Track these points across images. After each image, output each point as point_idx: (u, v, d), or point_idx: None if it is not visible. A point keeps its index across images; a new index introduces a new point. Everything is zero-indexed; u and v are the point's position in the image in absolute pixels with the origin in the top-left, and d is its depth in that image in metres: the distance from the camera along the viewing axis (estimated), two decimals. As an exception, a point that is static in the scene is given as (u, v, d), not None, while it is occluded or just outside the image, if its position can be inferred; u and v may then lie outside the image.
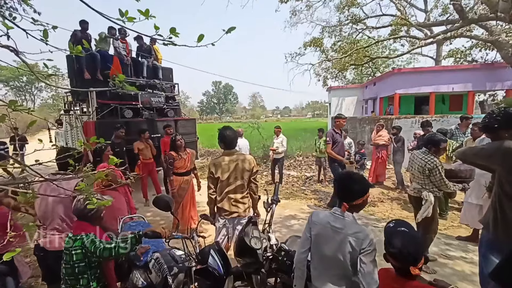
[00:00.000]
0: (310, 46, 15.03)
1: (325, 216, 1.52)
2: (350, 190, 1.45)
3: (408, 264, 1.22)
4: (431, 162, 2.77)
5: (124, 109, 6.13)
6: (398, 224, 1.38)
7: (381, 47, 21.25)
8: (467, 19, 10.64)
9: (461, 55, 16.47)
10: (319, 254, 1.51)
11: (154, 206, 1.93)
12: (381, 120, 8.86)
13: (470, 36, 13.20)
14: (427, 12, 17.32)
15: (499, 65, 12.12)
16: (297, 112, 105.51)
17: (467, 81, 13.02)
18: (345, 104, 19.86)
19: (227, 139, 2.55)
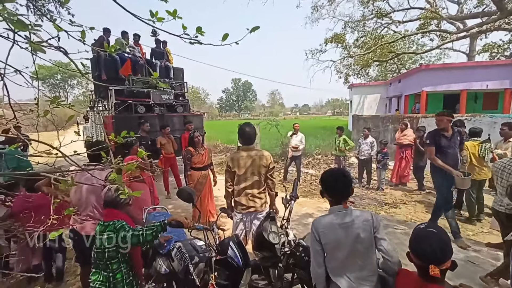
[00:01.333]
0: (332, 42, 14.70)
1: (330, 219, 1.49)
2: (349, 186, 1.53)
3: (430, 262, 1.13)
4: None
5: (138, 105, 6.84)
6: (430, 226, 1.29)
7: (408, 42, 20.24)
8: (506, 10, 9.85)
9: (498, 49, 15.30)
10: (338, 258, 1.47)
11: (178, 198, 2.02)
12: (406, 119, 8.49)
13: (509, 29, 12.19)
14: (460, 4, 16.21)
15: (542, 60, 11.10)
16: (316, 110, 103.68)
17: (504, 78, 12.06)
18: (367, 102, 19.21)
19: (245, 135, 2.60)
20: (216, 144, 12.97)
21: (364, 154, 6.11)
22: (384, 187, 6.04)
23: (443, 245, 1.14)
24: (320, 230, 1.48)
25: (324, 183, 1.59)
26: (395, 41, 15.82)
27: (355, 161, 7.53)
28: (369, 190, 6.05)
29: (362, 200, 5.43)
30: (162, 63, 8.01)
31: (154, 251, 2.16)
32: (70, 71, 4.27)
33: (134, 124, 6.34)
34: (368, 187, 6.24)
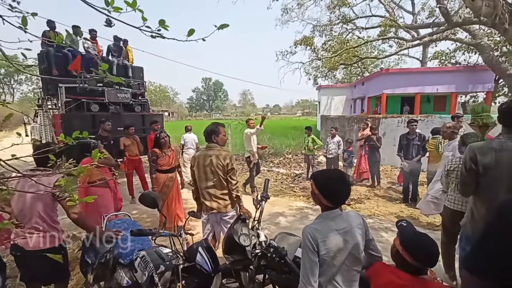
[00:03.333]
0: (301, 45, 15.11)
1: (328, 226, 1.37)
2: (350, 189, 1.43)
3: (428, 265, 1.26)
4: None
5: (91, 103, 6.66)
6: (410, 224, 1.43)
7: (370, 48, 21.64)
8: (452, 22, 10.96)
9: (445, 57, 17.01)
10: (334, 266, 1.36)
11: (140, 203, 1.88)
12: (369, 119, 9.03)
13: (455, 39, 13.63)
14: (415, 15, 17.74)
15: (481, 68, 12.60)
16: (287, 110, 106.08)
17: (450, 83, 13.47)
18: (334, 103, 20.13)
19: (204, 133, 2.63)
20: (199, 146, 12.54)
21: (332, 153, 6.36)
22: (350, 184, 6.34)
23: (437, 248, 1.26)
24: (319, 239, 1.31)
25: (323, 187, 1.41)
26: (359, 46, 16.79)
27: (323, 160, 7.81)
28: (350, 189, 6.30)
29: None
30: (120, 61, 7.78)
31: (114, 261, 1.99)
32: (14, 64, 3.83)
33: (87, 123, 6.14)
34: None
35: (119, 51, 7.94)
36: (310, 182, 1.55)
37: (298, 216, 4.57)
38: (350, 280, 1.40)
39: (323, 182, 1.43)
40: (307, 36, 15.21)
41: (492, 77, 12.72)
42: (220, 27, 1.35)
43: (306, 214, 4.65)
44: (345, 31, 16.41)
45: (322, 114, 17.27)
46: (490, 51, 11.16)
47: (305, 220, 4.36)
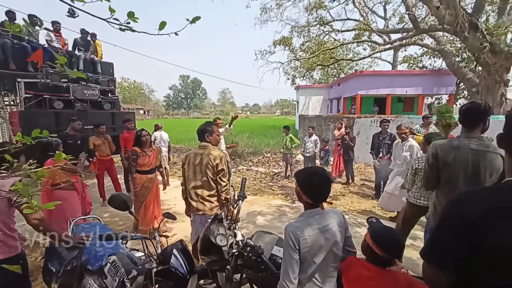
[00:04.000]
0: (280, 45, 15.27)
1: (311, 224, 1.38)
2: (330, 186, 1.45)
3: (395, 257, 1.35)
4: None
5: (54, 100, 6.24)
6: (378, 221, 1.53)
7: (346, 50, 22.44)
8: (419, 29, 11.70)
9: (413, 61, 18.09)
10: (314, 264, 1.37)
11: (110, 206, 1.78)
12: (344, 119, 9.37)
13: (421, 44, 14.55)
14: (386, 20, 18.68)
15: (444, 72, 13.59)
16: (266, 110, 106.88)
17: (418, 85, 14.39)
18: (312, 103, 20.62)
19: (197, 132, 2.60)
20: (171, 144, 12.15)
21: (309, 152, 6.51)
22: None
23: (403, 244, 1.39)
24: (301, 237, 1.32)
25: (305, 184, 1.43)
26: (335, 48, 17.31)
27: (301, 158, 7.97)
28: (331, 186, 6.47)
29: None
30: (87, 56, 7.36)
31: (82, 268, 1.87)
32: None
33: (49, 121, 5.75)
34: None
35: (86, 45, 7.50)
36: (293, 181, 1.57)
37: (277, 214, 4.61)
38: (329, 276, 1.43)
39: (305, 180, 1.45)
40: (286, 37, 15.40)
41: (454, 81, 13.76)
42: (192, 21, 1.31)
43: (285, 212, 4.71)
44: (322, 33, 16.84)
45: (300, 114, 17.62)
46: (452, 56, 12.07)
47: (284, 218, 4.42)
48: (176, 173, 7.80)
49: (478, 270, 0.82)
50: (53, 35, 6.74)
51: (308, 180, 1.43)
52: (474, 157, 1.70)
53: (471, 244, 0.81)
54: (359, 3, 15.90)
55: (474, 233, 0.80)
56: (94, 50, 7.67)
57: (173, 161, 9.30)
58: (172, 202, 5.08)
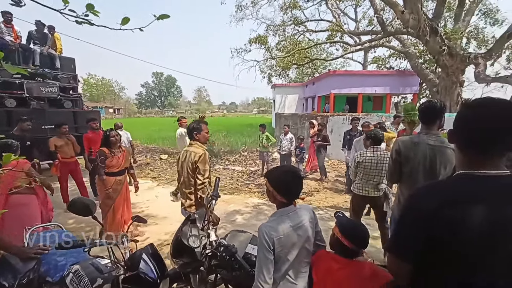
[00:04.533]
0: (255, 43, 15.30)
1: (285, 223, 1.38)
2: (302, 184, 1.49)
3: (362, 247, 1.41)
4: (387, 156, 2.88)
5: (5, 98, 5.86)
6: (345, 215, 1.61)
7: (320, 50, 23.06)
8: (386, 31, 12.37)
9: (382, 62, 19.12)
10: (288, 262, 1.38)
11: (71, 212, 1.66)
12: (318, 117, 9.64)
13: (389, 46, 15.42)
14: (357, 22, 19.50)
15: (409, 73, 14.53)
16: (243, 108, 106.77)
17: (386, 85, 15.23)
18: (288, 101, 20.95)
19: (187, 130, 2.74)
20: (134, 144, 11.51)
21: (285, 149, 6.61)
22: (302, 178, 6.68)
23: (368, 235, 1.43)
24: (275, 237, 1.31)
25: (277, 183, 1.42)
26: (309, 48, 17.74)
27: (278, 156, 8.07)
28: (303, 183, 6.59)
29: (284, 192, 5.86)
30: (44, 50, 6.80)
31: (40, 280, 1.72)
32: None
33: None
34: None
35: (43, 39, 6.91)
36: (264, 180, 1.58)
37: (254, 213, 4.63)
38: (301, 272, 1.45)
39: (276, 178, 1.45)
40: (262, 35, 15.48)
41: (418, 81, 14.77)
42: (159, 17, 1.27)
43: (262, 210, 4.74)
44: (297, 33, 17.17)
45: (276, 112, 17.82)
46: (416, 58, 12.94)
47: (261, 216, 4.45)
48: (149, 174, 7.50)
49: (434, 262, 0.87)
50: (3, 26, 6.15)
51: (282, 179, 1.43)
52: (431, 152, 1.84)
53: (428, 237, 0.86)
54: (332, 5, 16.43)
55: (431, 226, 0.85)
56: (52, 44, 7.10)
57: (146, 161, 8.94)
58: (145, 205, 4.88)
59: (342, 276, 1.31)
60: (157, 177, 7.16)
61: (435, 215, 0.83)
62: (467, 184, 0.86)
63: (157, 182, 6.65)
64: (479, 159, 0.85)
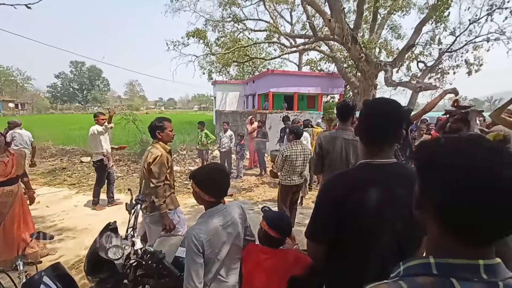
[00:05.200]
0: (194, 37, 14.66)
1: (214, 223, 1.35)
2: (229, 180, 1.51)
3: (287, 235, 1.50)
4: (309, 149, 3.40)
5: None
6: (270, 209, 1.70)
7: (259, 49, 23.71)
8: (317, 36, 13.52)
9: (314, 64, 20.88)
10: (218, 262, 1.36)
11: None
12: (257, 115, 9.91)
13: (319, 50, 16.92)
14: (292, 25, 20.78)
15: (336, 75, 16.26)
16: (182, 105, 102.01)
17: (317, 86, 16.72)
18: (229, 99, 20.93)
19: (148, 129, 2.56)
20: (45, 146, 9.56)
21: (225, 147, 6.57)
22: (242, 175, 6.78)
23: (290, 224, 1.56)
24: (204, 239, 1.28)
25: (203, 182, 1.39)
26: (249, 46, 18.03)
27: (218, 154, 7.97)
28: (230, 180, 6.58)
29: (224, 189, 5.82)
30: None
31: None
32: None
33: None
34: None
35: None
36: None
37: (193, 214, 4.45)
38: (232, 268, 1.45)
39: (202, 177, 1.42)
40: (200, 29, 14.90)
41: (343, 83, 16.68)
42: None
43: (201, 210, 4.56)
44: (236, 30, 17.20)
45: (217, 109, 17.62)
46: (341, 63, 14.57)
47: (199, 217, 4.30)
48: (65, 180, 6.41)
49: (343, 241, 0.98)
50: None
51: (209, 178, 1.41)
52: (346, 145, 2.08)
53: (339, 219, 0.96)
54: (269, 6, 17.04)
55: (340, 210, 0.95)
56: None
57: (61, 166, 7.61)
58: (59, 217, 4.12)
59: (269, 265, 1.37)
60: (76, 183, 6.17)
61: (343, 200, 0.94)
62: (366, 171, 0.99)
63: (77, 190, 5.73)
64: (375, 149, 0.99)
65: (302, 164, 3.33)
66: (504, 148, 0.49)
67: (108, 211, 4.41)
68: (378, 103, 1.03)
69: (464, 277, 0.48)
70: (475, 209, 0.46)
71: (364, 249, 0.93)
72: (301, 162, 3.32)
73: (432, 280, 0.49)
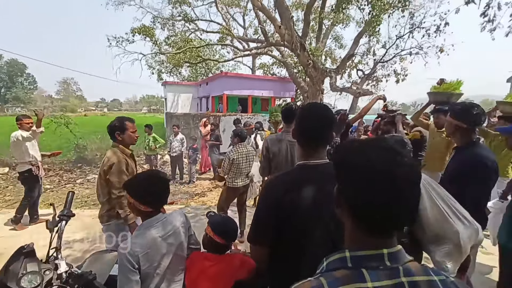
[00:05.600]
0: (140, 34, 13.65)
1: (152, 235, 1.25)
2: (168, 187, 1.40)
3: (233, 240, 1.45)
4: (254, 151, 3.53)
5: None
6: (216, 214, 1.62)
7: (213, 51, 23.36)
8: (269, 42, 13.95)
9: (267, 68, 21.50)
10: (159, 274, 1.27)
11: None
12: (211, 117, 9.74)
13: (271, 55, 17.49)
14: (245, 29, 21.05)
15: (288, 80, 17.03)
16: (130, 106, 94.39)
17: (270, 89, 17.27)
18: (182, 100, 20.12)
19: (107, 129, 2.30)
20: None
21: (176, 151, 6.26)
22: (195, 180, 6.54)
23: (237, 228, 1.50)
24: (140, 253, 1.18)
25: (137, 192, 1.28)
26: (201, 47, 17.61)
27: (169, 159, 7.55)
28: (182, 185, 6.29)
29: (175, 195, 5.52)
30: None
31: None
32: None
33: None
34: (181, 182, 6.47)
35: None
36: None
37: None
38: (175, 281, 1.37)
39: (136, 187, 1.31)
40: (147, 26, 13.93)
41: (294, 87, 17.55)
42: None
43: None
44: (188, 30, 16.64)
45: (167, 112, 16.77)
46: (292, 68, 15.30)
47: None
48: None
49: (284, 241, 0.99)
50: None
51: (144, 186, 1.31)
52: (291, 147, 2.17)
53: (279, 220, 0.97)
54: (222, 8, 16.95)
55: (280, 211, 0.96)
56: None
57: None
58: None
59: (214, 272, 1.32)
60: (-13, 199, 5.15)
61: (281, 201, 0.96)
62: (302, 172, 1.04)
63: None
64: (311, 151, 1.04)
65: (248, 165, 3.44)
66: (401, 148, 0.54)
67: (30, 231, 3.74)
68: (312, 107, 1.11)
69: (372, 266, 0.53)
70: (377, 206, 0.51)
71: (301, 249, 0.95)
72: (247, 164, 3.42)
73: (348, 272, 0.53)
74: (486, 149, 1.66)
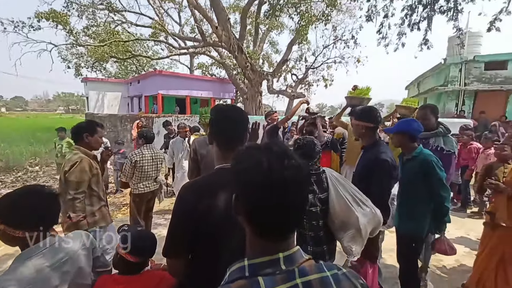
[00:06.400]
0: (48, 20, 11.42)
1: (29, 267, 0.98)
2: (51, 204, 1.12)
3: (150, 256, 1.29)
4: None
5: None
6: (131, 227, 1.46)
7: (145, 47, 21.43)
8: (206, 42, 13.61)
9: (205, 68, 20.98)
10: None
11: None
12: (143, 118, 8.87)
13: (209, 55, 17.11)
14: (181, 26, 20.05)
15: (227, 81, 16.96)
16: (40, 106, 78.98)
17: (210, 90, 16.90)
18: (108, 100, 17.88)
19: (72, 131, 2.16)
20: None
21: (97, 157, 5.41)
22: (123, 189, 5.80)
23: (155, 242, 1.31)
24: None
25: (7, 215, 0.99)
26: (130, 41, 15.93)
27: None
28: (107, 195, 5.49)
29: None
30: None
31: None
32: None
33: None
34: (106, 192, 5.65)
35: None
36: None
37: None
38: None
39: (5, 209, 1.00)
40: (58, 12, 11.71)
41: (233, 88, 17.60)
42: None
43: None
44: (112, 21, 14.82)
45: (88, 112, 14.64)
46: (231, 69, 15.29)
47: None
48: None
49: (200, 249, 0.94)
50: None
51: (17, 207, 1.00)
52: None
53: (195, 228, 0.90)
54: (154, 2, 15.70)
55: (194, 218, 0.90)
56: None
57: None
58: None
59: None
60: None
61: (195, 208, 0.90)
62: (219, 175, 0.99)
63: None
64: (228, 152, 1.00)
65: (155, 169, 3.20)
66: (288, 152, 0.55)
67: None
68: (225, 109, 1.07)
69: (267, 273, 0.52)
70: (267, 208, 0.51)
71: (217, 257, 0.90)
72: (154, 168, 3.19)
73: (244, 282, 0.51)
74: (386, 147, 1.89)
